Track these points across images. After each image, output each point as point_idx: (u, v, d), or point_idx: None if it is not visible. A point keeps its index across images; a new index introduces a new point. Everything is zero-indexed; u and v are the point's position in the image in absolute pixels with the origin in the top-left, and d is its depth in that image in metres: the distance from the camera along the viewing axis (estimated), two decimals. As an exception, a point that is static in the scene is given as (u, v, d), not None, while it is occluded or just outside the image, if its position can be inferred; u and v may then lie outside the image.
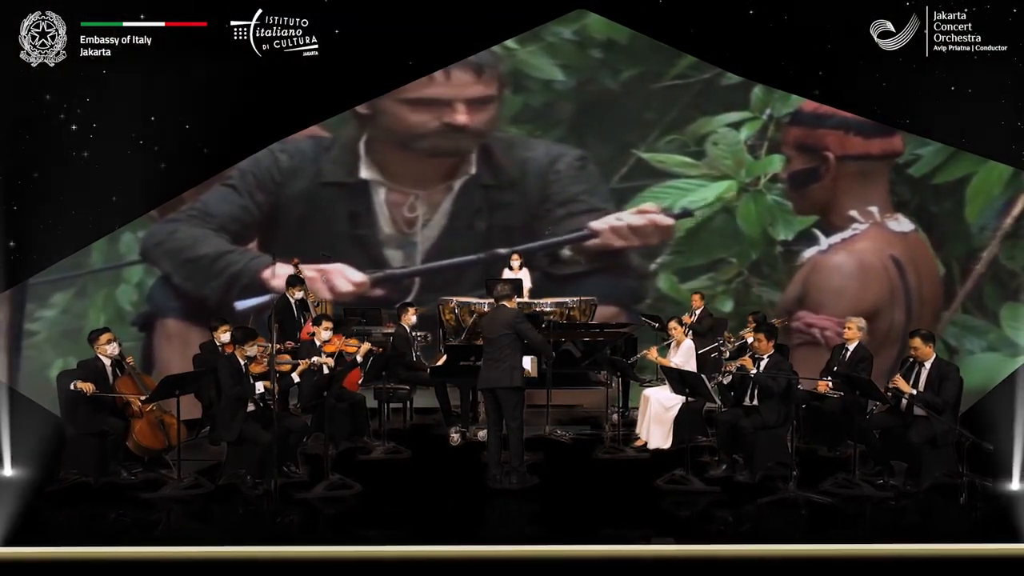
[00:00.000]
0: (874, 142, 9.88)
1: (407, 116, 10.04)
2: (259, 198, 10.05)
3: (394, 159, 10.17)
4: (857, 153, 9.94)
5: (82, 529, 5.97)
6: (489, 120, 10.13)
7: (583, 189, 10.16)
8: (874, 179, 9.97)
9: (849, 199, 10.01)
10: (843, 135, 9.94)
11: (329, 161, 10.13)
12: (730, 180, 10.07)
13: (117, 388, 6.77)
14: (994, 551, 5.50)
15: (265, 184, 10.05)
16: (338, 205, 10.15)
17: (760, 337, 6.88)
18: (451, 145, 10.10)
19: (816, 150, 10.05)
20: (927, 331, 6.66)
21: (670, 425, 7.55)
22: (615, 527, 5.98)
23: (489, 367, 6.69)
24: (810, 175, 10.08)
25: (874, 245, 9.96)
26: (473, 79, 9.99)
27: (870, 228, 9.97)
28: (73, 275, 9.48)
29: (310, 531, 6.02)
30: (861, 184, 9.97)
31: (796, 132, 10.08)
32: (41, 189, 8.70)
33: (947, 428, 6.38)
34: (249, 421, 6.57)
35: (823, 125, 9.98)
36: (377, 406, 7.90)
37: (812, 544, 5.68)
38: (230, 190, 10.00)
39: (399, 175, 10.20)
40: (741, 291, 10.13)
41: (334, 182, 10.12)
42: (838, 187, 10.01)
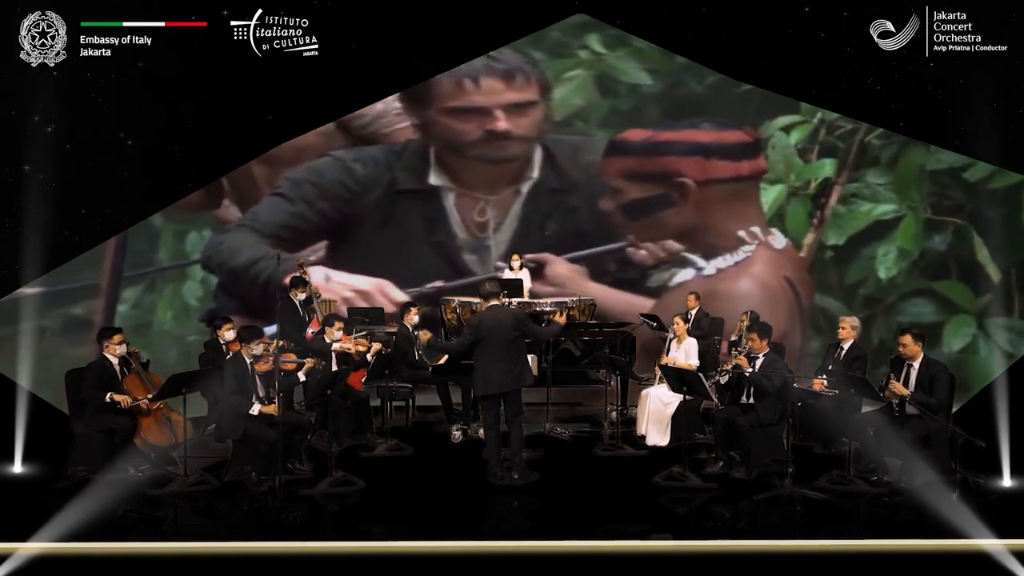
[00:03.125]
0: (743, 164, 9.99)
1: (454, 125, 10.10)
2: (321, 206, 10.11)
3: (461, 165, 10.23)
4: (724, 176, 9.99)
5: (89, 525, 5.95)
6: (533, 124, 10.11)
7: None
8: (747, 199, 10.04)
9: (722, 221, 10.02)
10: (703, 160, 9.99)
11: (400, 169, 10.19)
12: (781, 184, 10.03)
13: (125, 386, 6.84)
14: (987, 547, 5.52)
15: (332, 192, 10.10)
16: (412, 211, 10.23)
17: (753, 336, 6.94)
18: (500, 152, 10.14)
19: (664, 177, 10.05)
20: (918, 330, 6.70)
21: (668, 423, 7.64)
22: (614, 523, 6.03)
23: (501, 370, 6.55)
24: (657, 202, 10.08)
25: (768, 267, 9.99)
26: (505, 85, 10.01)
27: (758, 249, 10.02)
28: (143, 272, 9.70)
29: (314, 527, 6.07)
30: (733, 205, 10.01)
31: (623, 163, 10.06)
32: (45, 190, 8.75)
33: (941, 427, 6.45)
34: (254, 419, 6.60)
35: (667, 152, 10.01)
36: (380, 404, 7.97)
37: (807, 540, 5.72)
38: (280, 199, 10.09)
39: (467, 180, 10.26)
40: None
41: (407, 189, 10.20)
42: (704, 211, 10.03)
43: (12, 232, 8.75)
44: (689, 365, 7.57)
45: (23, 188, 8.73)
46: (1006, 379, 8.15)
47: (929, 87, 9.03)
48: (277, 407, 6.58)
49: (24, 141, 8.70)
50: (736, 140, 10.01)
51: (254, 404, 6.65)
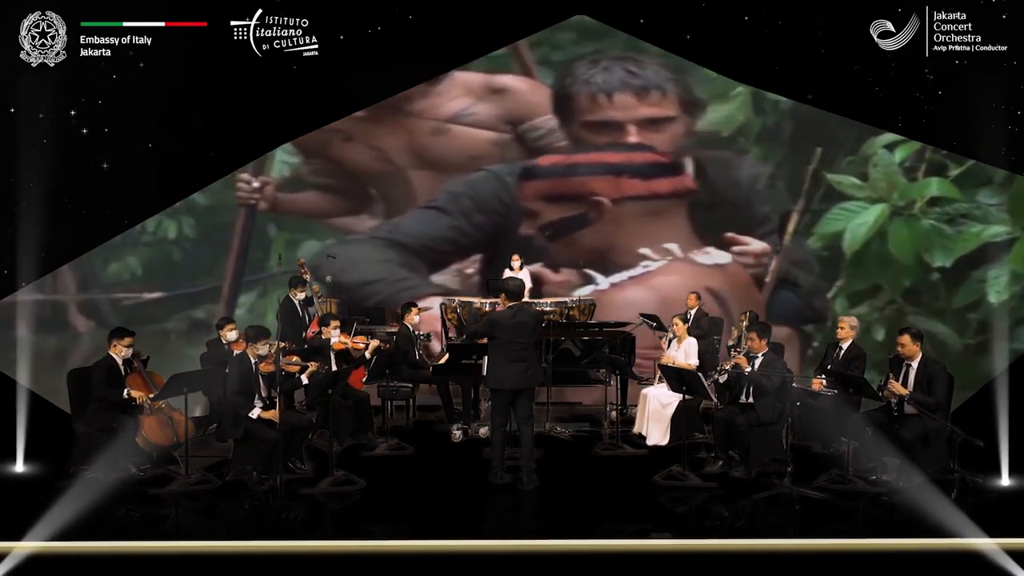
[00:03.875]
0: (660, 182, 10.01)
1: (593, 139, 10.11)
2: (478, 219, 10.16)
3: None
4: (639, 194, 10.02)
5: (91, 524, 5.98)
6: (670, 140, 10.05)
7: (771, 209, 10.08)
8: (668, 217, 10.06)
9: (637, 239, 10.06)
10: (615, 179, 10.03)
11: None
12: (884, 203, 9.81)
13: (127, 384, 6.88)
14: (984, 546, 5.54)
15: (488, 206, 10.15)
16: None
17: (753, 336, 6.96)
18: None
19: (580, 198, 10.10)
20: (916, 329, 6.73)
21: (668, 422, 7.66)
22: (614, 522, 6.06)
23: (517, 369, 6.52)
24: (572, 223, 10.13)
25: (681, 279, 9.99)
26: (638, 100, 9.99)
27: (670, 263, 10.04)
28: (257, 278, 9.88)
29: (315, 526, 6.09)
30: (651, 223, 10.03)
31: (536, 186, 10.11)
32: (45, 190, 8.76)
33: (940, 426, 6.48)
34: (255, 420, 6.62)
35: (578, 173, 10.05)
36: (381, 403, 8.00)
37: (806, 539, 5.73)
38: (436, 212, 10.15)
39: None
40: (894, 319, 9.72)
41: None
42: (620, 230, 10.07)
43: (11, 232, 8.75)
44: (689, 365, 7.59)
45: (23, 188, 8.74)
46: (1007, 379, 8.15)
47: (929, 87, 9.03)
48: (277, 412, 6.59)
49: (24, 141, 8.70)
50: (649, 160, 10.08)
51: (255, 407, 6.66)
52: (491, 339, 6.60)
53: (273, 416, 6.60)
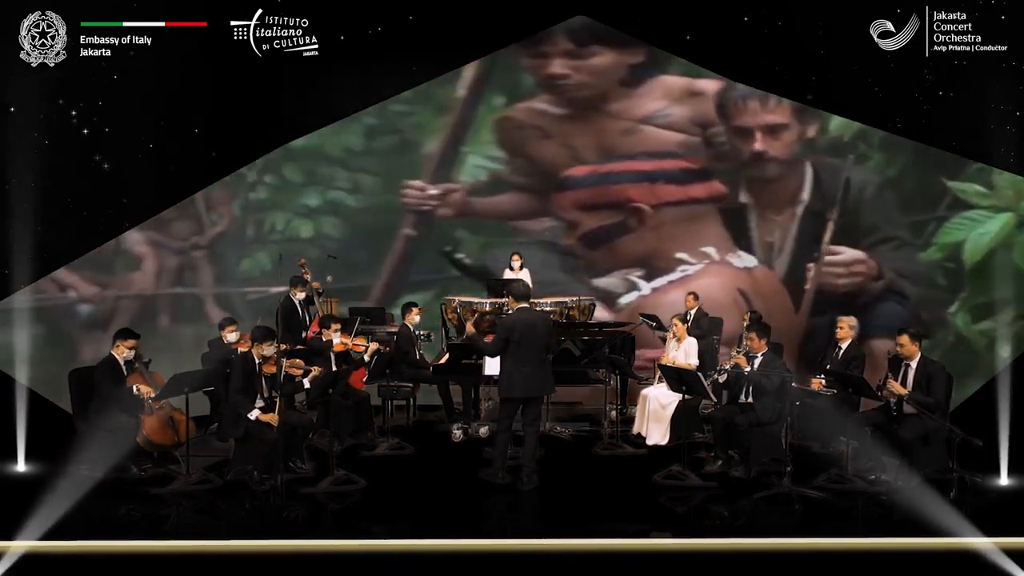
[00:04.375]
0: (693, 187, 10.03)
1: (739, 145, 10.05)
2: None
3: (752, 185, 10.15)
4: (676, 199, 10.05)
5: (93, 524, 6.03)
6: (785, 147, 9.99)
7: (880, 218, 9.88)
8: (704, 221, 10.08)
9: (675, 244, 10.09)
10: (650, 186, 10.07)
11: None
12: (1010, 213, 9.44)
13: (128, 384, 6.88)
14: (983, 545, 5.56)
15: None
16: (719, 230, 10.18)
17: (752, 336, 6.97)
18: (762, 172, 10.05)
19: (617, 205, 10.14)
20: (915, 329, 6.74)
21: (667, 422, 7.68)
22: (613, 522, 6.07)
23: (527, 375, 6.48)
24: (613, 231, 10.17)
25: (718, 280, 10.02)
26: (761, 106, 9.96)
27: (708, 267, 10.06)
28: (432, 278, 10.14)
29: (315, 526, 6.10)
30: (688, 228, 10.06)
31: (574, 196, 10.16)
32: (46, 190, 8.74)
33: (939, 426, 6.50)
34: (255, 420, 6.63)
35: (613, 182, 10.10)
36: (381, 403, 8.00)
37: (806, 538, 5.74)
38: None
39: (761, 199, 10.17)
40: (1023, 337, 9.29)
41: (727, 208, 10.18)
42: (661, 235, 10.09)
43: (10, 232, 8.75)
44: (689, 365, 7.60)
45: (23, 188, 8.74)
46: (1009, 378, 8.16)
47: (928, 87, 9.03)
48: (275, 416, 6.59)
49: (24, 141, 8.71)
50: (680, 167, 10.12)
51: (254, 409, 6.67)
52: (508, 344, 6.53)
53: (272, 419, 6.61)
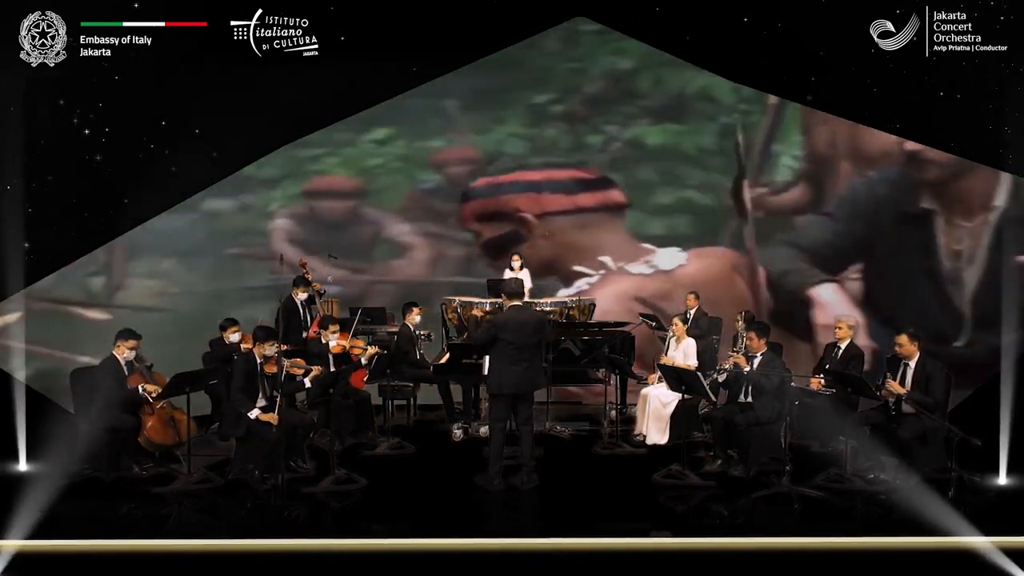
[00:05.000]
0: (582, 196, 10.02)
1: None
2: (855, 227, 9.98)
3: (934, 190, 9.85)
4: (561, 209, 10.03)
5: (94, 523, 6.06)
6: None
7: None
8: (603, 229, 10.03)
9: (573, 253, 10.09)
10: (536, 196, 10.07)
11: (903, 190, 9.90)
12: None
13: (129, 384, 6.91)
14: (981, 544, 5.57)
15: (862, 213, 9.97)
16: (912, 236, 9.90)
17: (752, 335, 7.00)
18: (923, 175, 9.76)
19: (506, 215, 10.13)
20: (914, 330, 6.74)
21: (667, 421, 7.70)
22: (613, 521, 6.08)
23: (517, 372, 6.46)
24: (511, 238, 10.17)
25: (613, 291, 9.99)
26: None
27: (604, 277, 10.04)
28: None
29: (316, 525, 6.11)
30: (585, 236, 10.04)
31: (472, 206, 10.19)
32: (48, 190, 8.75)
33: (937, 425, 6.51)
34: (257, 418, 6.66)
35: (504, 192, 10.09)
36: (382, 403, 8.02)
37: (805, 537, 5.75)
38: (827, 218, 10.07)
39: (950, 204, 9.81)
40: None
41: (907, 212, 9.92)
42: (557, 243, 10.08)
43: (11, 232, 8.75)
44: (688, 366, 7.62)
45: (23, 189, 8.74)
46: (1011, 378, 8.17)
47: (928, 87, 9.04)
48: (275, 416, 6.61)
49: (24, 141, 8.71)
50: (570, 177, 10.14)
51: (255, 408, 6.68)
52: (496, 341, 6.54)
53: (271, 419, 6.62)
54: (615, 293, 10.16)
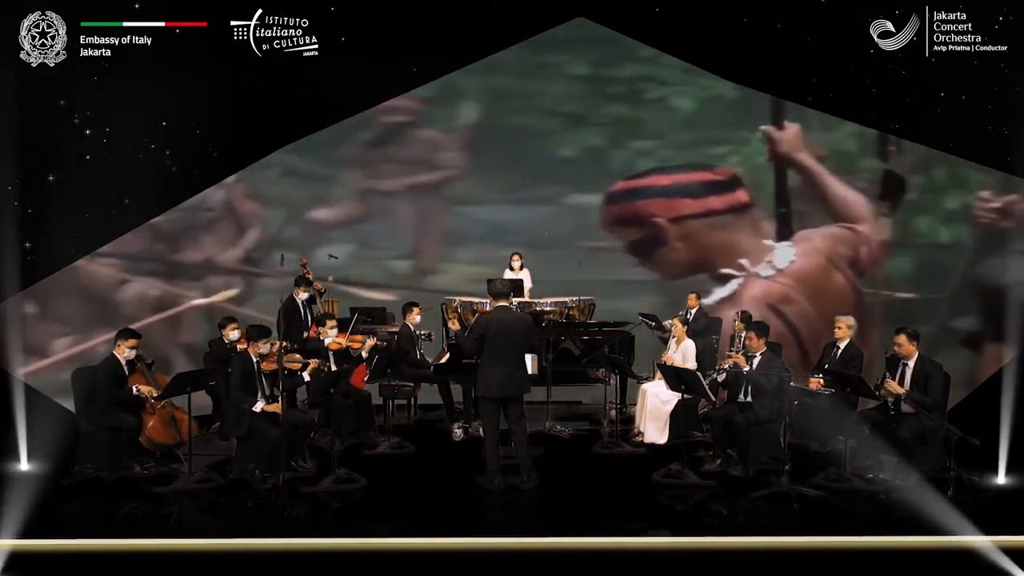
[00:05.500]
0: (712, 199, 10.04)
1: None
2: None
3: None
4: (696, 212, 10.07)
5: (96, 522, 6.10)
6: None
7: None
8: (733, 230, 10.06)
9: (712, 254, 10.10)
10: (667, 201, 10.09)
11: None
12: None
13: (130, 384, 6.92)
14: (980, 544, 5.58)
15: None
16: None
17: (751, 335, 7.01)
18: None
19: (642, 220, 10.15)
20: (913, 329, 6.76)
21: (666, 420, 7.71)
22: (613, 520, 6.10)
23: (503, 373, 6.46)
24: (653, 242, 10.20)
25: (751, 298, 9.99)
26: None
27: (746, 280, 10.09)
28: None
29: (317, 524, 6.12)
30: (719, 238, 10.06)
31: (611, 210, 10.22)
32: (47, 190, 8.74)
33: (937, 425, 6.53)
34: (258, 418, 6.66)
35: (640, 197, 10.11)
36: (382, 403, 8.03)
37: (804, 537, 5.76)
38: None
39: None
40: None
41: None
42: (694, 246, 10.11)
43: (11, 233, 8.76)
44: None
45: (24, 189, 8.75)
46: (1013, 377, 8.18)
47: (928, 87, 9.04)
48: (280, 405, 6.63)
49: (24, 141, 8.71)
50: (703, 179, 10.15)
51: (258, 401, 6.70)
52: (483, 342, 6.52)
53: (276, 408, 6.64)
54: (760, 295, 10.17)
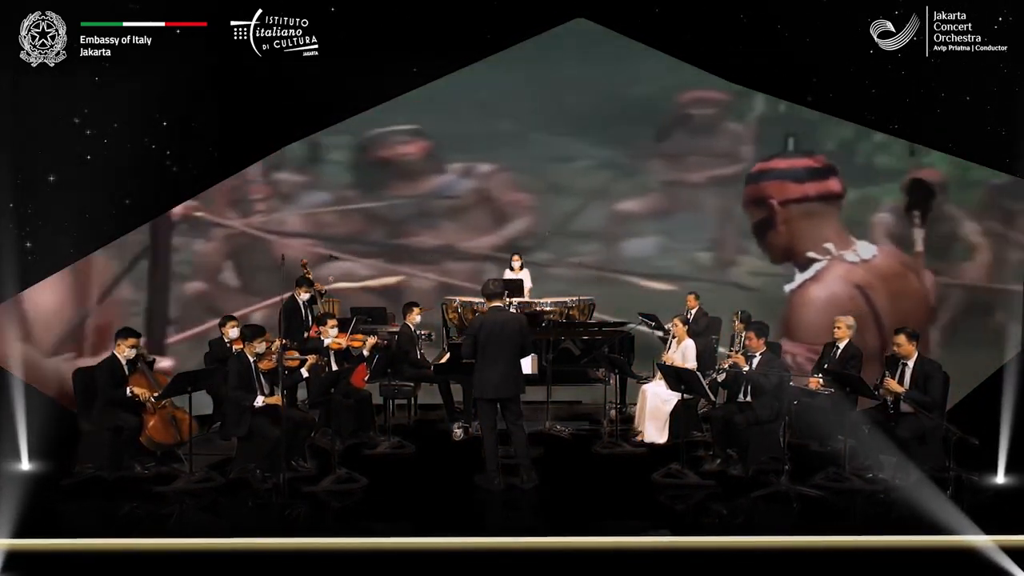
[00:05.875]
0: (808, 185, 10.13)
1: None
2: None
3: None
4: (796, 197, 10.15)
5: (96, 521, 6.11)
6: None
7: None
8: (822, 218, 10.15)
9: (802, 240, 10.21)
10: (781, 183, 10.19)
11: None
12: None
13: (131, 383, 6.93)
14: (980, 543, 5.59)
15: None
16: None
17: (751, 335, 7.02)
18: None
19: (762, 201, 10.25)
20: (912, 329, 6.77)
21: (666, 420, 7.72)
22: (613, 519, 6.11)
23: (498, 373, 6.48)
24: (766, 224, 10.29)
25: (838, 278, 10.10)
26: None
27: (830, 263, 10.14)
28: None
29: (317, 524, 6.13)
30: (810, 224, 10.17)
31: (749, 190, 10.29)
32: (47, 190, 8.75)
33: (936, 424, 6.54)
34: (258, 417, 6.67)
35: (765, 179, 10.22)
36: (382, 402, 8.05)
37: (803, 536, 5.78)
38: None
39: None
40: None
41: None
42: (792, 230, 10.22)
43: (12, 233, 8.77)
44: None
45: (24, 189, 8.75)
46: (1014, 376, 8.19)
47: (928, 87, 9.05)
48: (280, 398, 6.65)
49: (24, 142, 8.72)
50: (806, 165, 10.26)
51: (258, 396, 6.72)
52: (477, 344, 6.54)
53: (277, 400, 6.65)
54: (844, 275, 10.31)
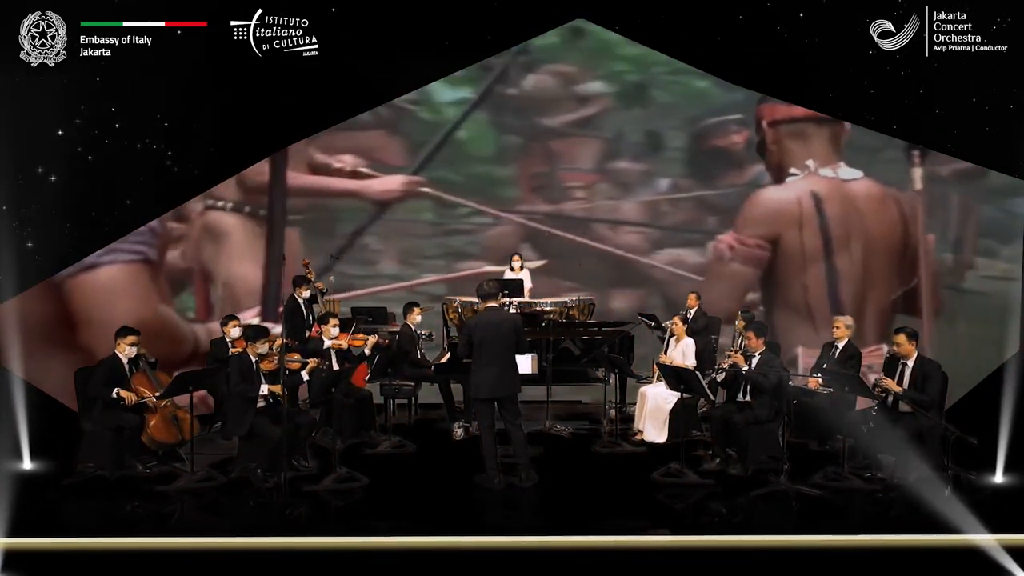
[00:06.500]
0: (796, 107, 10.23)
1: None
2: None
3: None
4: (783, 117, 10.33)
5: (98, 520, 6.13)
6: None
7: None
8: (812, 138, 10.32)
9: (790, 157, 10.40)
10: (769, 104, 10.36)
11: None
12: None
13: (132, 384, 6.94)
14: (978, 542, 5.60)
15: None
16: None
17: (750, 335, 7.02)
18: None
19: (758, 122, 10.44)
20: (912, 329, 6.79)
21: (666, 419, 7.73)
22: (613, 519, 6.11)
23: (493, 374, 6.51)
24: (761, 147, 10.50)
25: (802, 184, 10.36)
26: None
27: (805, 176, 10.33)
28: None
29: (318, 523, 6.13)
30: (799, 143, 10.35)
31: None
32: (47, 191, 8.72)
33: (934, 424, 6.56)
34: (259, 417, 6.69)
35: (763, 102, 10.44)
36: (383, 402, 8.05)
37: (803, 535, 5.80)
38: None
39: None
40: None
41: None
42: (782, 148, 10.42)
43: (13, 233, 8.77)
44: (686, 366, 7.65)
45: (25, 189, 8.76)
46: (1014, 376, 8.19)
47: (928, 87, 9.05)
48: (281, 387, 6.69)
49: (24, 142, 8.72)
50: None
51: (263, 385, 6.74)
52: (472, 344, 6.57)
53: (278, 389, 6.69)
54: (804, 185, 10.50)
